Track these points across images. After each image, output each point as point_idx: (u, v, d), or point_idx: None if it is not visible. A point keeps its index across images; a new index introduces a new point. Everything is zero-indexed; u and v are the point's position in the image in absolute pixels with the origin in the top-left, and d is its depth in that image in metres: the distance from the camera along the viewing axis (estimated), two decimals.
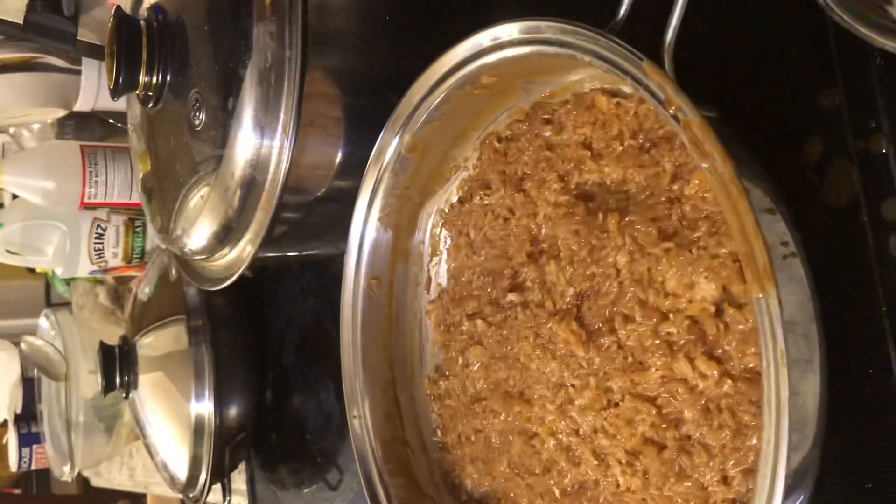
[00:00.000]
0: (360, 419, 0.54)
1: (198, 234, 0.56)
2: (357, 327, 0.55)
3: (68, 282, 1.38)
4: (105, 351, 0.83)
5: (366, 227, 0.54)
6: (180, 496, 0.87)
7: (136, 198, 0.94)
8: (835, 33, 0.38)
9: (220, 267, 0.59)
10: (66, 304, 1.44)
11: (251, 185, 0.51)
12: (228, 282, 0.57)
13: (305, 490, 0.80)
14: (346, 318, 0.55)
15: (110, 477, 1.45)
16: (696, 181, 0.38)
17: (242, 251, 0.55)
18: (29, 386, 1.38)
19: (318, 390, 0.78)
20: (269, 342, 0.84)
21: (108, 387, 0.83)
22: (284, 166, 0.49)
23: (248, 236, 0.54)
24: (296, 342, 0.81)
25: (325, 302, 0.77)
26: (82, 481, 2.11)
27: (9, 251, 0.97)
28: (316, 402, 0.78)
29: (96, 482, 1.54)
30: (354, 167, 0.53)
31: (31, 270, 1.40)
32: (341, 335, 0.55)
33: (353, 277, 0.54)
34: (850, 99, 0.38)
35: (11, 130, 1.10)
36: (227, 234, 0.55)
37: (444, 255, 0.56)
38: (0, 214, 0.97)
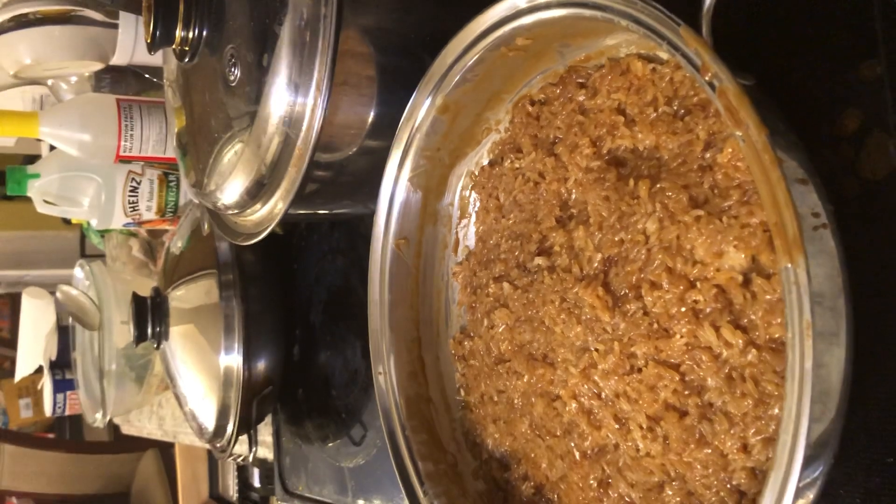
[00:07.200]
0: (385, 376, 0.55)
1: (230, 189, 0.57)
2: (385, 286, 0.55)
3: (102, 234, 1.40)
4: (138, 302, 0.85)
5: (396, 187, 0.54)
6: (207, 446, 0.89)
7: (171, 152, 0.95)
8: (880, 2, 0.37)
9: (251, 222, 0.59)
10: (101, 256, 1.47)
11: (284, 142, 0.51)
12: (259, 237, 0.58)
13: (330, 444, 0.82)
14: (374, 278, 0.55)
15: (140, 425, 1.49)
16: (729, 149, 0.38)
17: (274, 207, 0.55)
18: (64, 334, 1.41)
19: (344, 347, 0.79)
20: (298, 299, 0.85)
21: (140, 337, 0.84)
22: (317, 124, 0.50)
23: (279, 193, 0.54)
24: (324, 300, 0.82)
25: (353, 261, 0.77)
26: (113, 428, 2.16)
27: (46, 201, 0.98)
28: (342, 358, 0.79)
29: (126, 430, 1.58)
30: (386, 127, 0.53)
31: (67, 221, 1.43)
32: (369, 294, 0.55)
33: (382, 237, 0.55)
34: (892, 70, 0.37)
35: (49, 83, 1.11)
36: (259, 190, 0.55)
37: (473, 218, 0.57)
38: (38, 165, 0.99)
